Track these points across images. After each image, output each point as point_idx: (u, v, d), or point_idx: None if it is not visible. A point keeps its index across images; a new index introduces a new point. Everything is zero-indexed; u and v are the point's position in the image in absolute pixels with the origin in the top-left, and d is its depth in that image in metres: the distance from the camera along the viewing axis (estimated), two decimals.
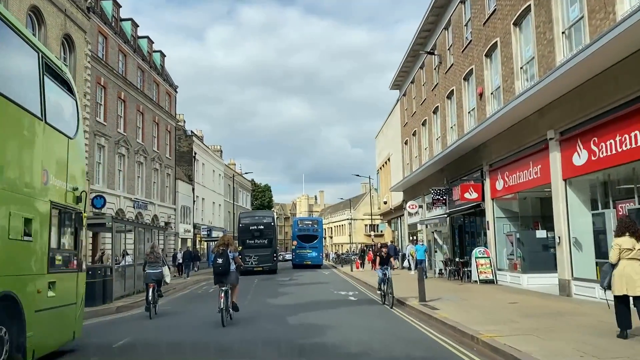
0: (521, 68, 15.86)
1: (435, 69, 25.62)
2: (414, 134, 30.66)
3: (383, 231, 53.52)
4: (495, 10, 17.38)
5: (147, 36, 36.46)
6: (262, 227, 33.54)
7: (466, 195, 18.74)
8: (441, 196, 23.04)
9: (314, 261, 40.19)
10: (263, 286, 22.19)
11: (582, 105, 12.02)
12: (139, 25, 34.50)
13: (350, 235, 75.40)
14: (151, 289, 12.65)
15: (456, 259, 21.04)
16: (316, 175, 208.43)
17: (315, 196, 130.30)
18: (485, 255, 18.14)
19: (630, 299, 7.25)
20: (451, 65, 22.70)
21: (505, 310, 10.88)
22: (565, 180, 13.15)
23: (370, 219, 55.49)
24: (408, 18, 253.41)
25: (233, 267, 11.12)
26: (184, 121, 47.49)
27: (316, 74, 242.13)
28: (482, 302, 12.52)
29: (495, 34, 17.49)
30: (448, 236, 23.99)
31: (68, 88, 7.66)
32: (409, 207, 28.79)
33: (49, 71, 7.06)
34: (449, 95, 23.22)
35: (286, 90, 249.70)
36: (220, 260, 10.85)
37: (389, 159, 39.72)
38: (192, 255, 34.79)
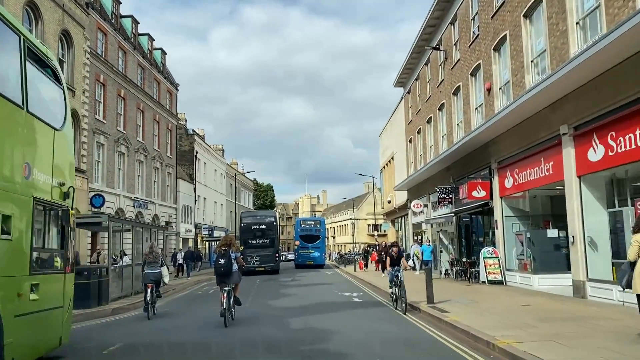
0: (532, 61, 15.31)
1: (440, 65, 25.07)
2: (418, 132, 30.11)
3: (386, 231, 52.98)
4: (504, 2, 16.83)
5: (148, 33, 35.99)
6: (264, 227, 33.06)
7: (474, 193, 18.19)
8: (447, 195, 22.51)
9: (316, 261, 40.16)
10: (265, 287, 21.69)
11: (599, 98, 11.47)
12: (139, 22, 34.02)
13: (353, 235, 74.90)
14: (149, 290, 12.49)
15: (463, 259, 20.48)
16: (319, 176, 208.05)
17: (318, 196, 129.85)
18: (494, 255, 17.58)
19: None
20: (457, 60, 22.14)
21: (520, 313, 10.32)
22: (580, 177, 12.59)
23: (374, 218, 54.93)
24: (411, 17, 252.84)
25: (235, 268, 10.98)
26: (185, 120, 47.01)
27: (319, 74, 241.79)
28: (494, 305, 11.96)
29: (504, 27, 16.94)
30: (455, 236, 23.43)
31: (54, 76, 7.13)
32: (413, 206, 28.24)
33: (32, 57, 6.54)
34: (455, 92, 22.67)
35: (289, 91, 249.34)
36: (222, 261, 10.69)
37: (392, 158, 39.18)
38: (194, 255, 34.30)
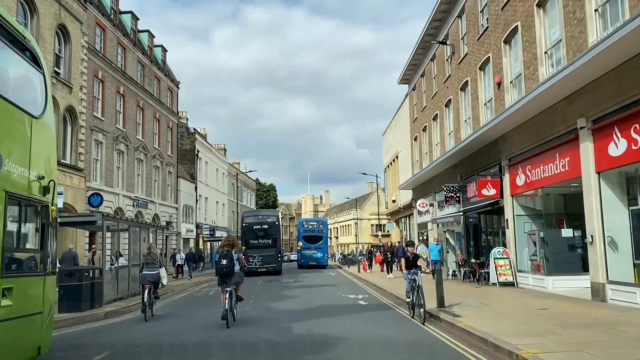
0: (545, 53, 14.61)
1: (447, 60, 24.37)
2: (424, 130, 29.41)
3: (390, 231, 52.24)
4: None
5: (148, 30, 35.34)
6: (266, 227, 32.44)
7: (484, 191, 17.48)
8: (454, 193, 21.82)
9: (319, 262, 40.18)
10: (266, 288, 21.04)
11: (620, 89, 10.78)
12: (139, 19, 33.41)
13: (356, 236, 74.17)
14: (147, 291, 12.16)
15: (471, 260, 19.78)
16: (321, 176, 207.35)
17: (321, 196, 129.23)
18: (505, 256, 16.88)
19: None
20: (465, 55, 21.44)
21: (538, 317, 9.63)
22: (599, 173, 11.89)
23: (377, 218, 54.22)
24: (413, 17, 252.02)
25: (237, 268, 10.81)
26: (186, 119, 46.39)
27: (321, 74, 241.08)
28: (508, 308, 11.27)
29: (515, 17, 16.25)
30: (462, 236, 22.72)
31: (33, 59, 6.48)
32: (419, 206, 27.54)
33: (7, 37, 5.89)
34: (463, 87, 21.97)
35: (291, 91, 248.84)
36: (224, 262, 10.53)
37: (397, 157, 38.48)
38: (195, 255, 33.65)
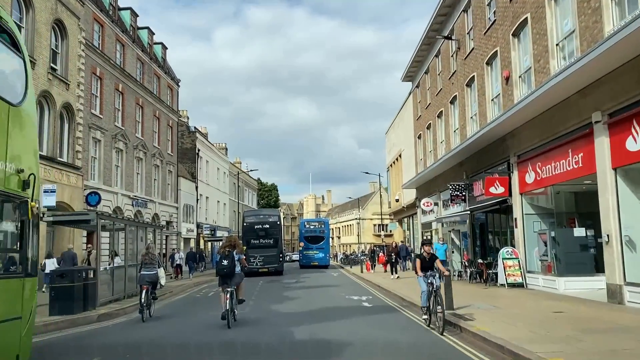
0: (557, 45, 14.05)
1: (452, 55, 23.82)
2: (428, 127, 28.86)
3: (392, 231, 51.63)
4: None
5: (148, 27, 34.86)
6: (268, 227, 31.92)
7: (492, 189, 16.92)
8: (460, 192, 21.28)
9: (320, 262, 40.35)
10: (268, 289, 20.52)
11: (639, 80, 10.24)
12: (138, 15, 32.91)
13: (358, 235, 73.63)
14: (144, 291, 11.93)
15: (478, 260, 19.22)
16: (323, 176, 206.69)
17: (323, 196, 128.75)
18: (514, 256, 16.32)
19: None
20: (471, 50, 20.89)
21: (555, 322, 9.08)
22: (615, 169, 11.34)
23: (380, 218, 53.66)
24: (415, 17, 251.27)
25: (238, 269, 10.70)
26: (187, 117, 45.90)
27: (323, 74, 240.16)
28: (522, 311, 10.71)
29: (524, 9, 15.70)
30: (468, 235, 22.15)
31: (11, 42, 5.95)
32: (423, 205, 26.97)
33: None
34: (469, 83, 21.42)
35: (293, 91, 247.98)
36: (225, 262, 10.44)
37: (400, 155, 37.92)
38: (196, 254, 33.13)
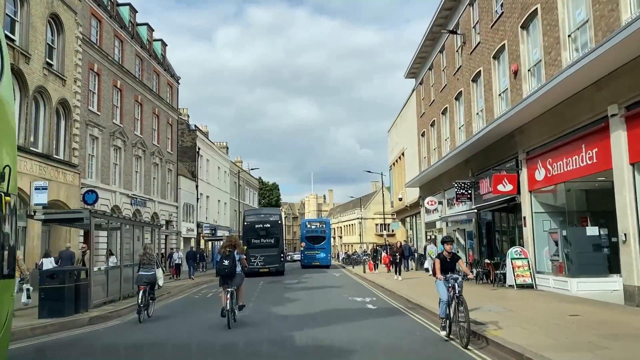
0: (569, 36, 13.49)
1: (457, 50, 23.25)
2: (432, 125, 28.29)
3: (394, 230, 51.06)
4: None
5: (147, 23, 34.33)
6: (269, 226, 31.38)
7: (499, 187, 16.34)
8: (466, 190, 20.72)
9: (322, 262, 40.47)
10: (268, 290, 19.97)
11: None
12: (137, 11, 32.42)
13: (360, 235, 73.10)
14: (141, 292, 11.67)
15: (485, 261, 18.66)
16: (325, 176, 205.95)
17: (324, 195, 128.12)
18: (523, 256, 15.75)
19: None
20: (477, 44, 20.33)
21: (573, 326, 8.51)
22: (633, 164, 10.79)
23: (382, 218, 53.10)
24: (417, 17, 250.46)
25: (239, 269, 10.68)
26: (187, 116, 45.40)
27: (324, 74, 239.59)
28: (535, 314, 10.14)
29: (534, 0, 15.13)
30: (474, 235, 21.59)
31: None
32: (427, 204, 26.42)
33: None
34: (475, 78, 20.86)
35: (294, 91, 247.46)
36: (226, 262, 10.42)
37: (403, 154, 37.35)
38: (196, 254, 32.58)
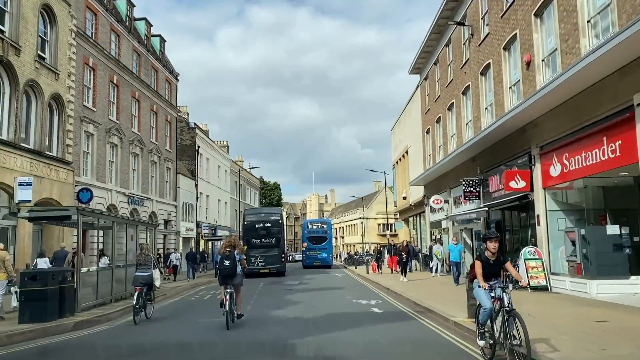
0: (588, 21, 12.65)
1: (464, 43, 22.43)
2: (437, 121, 27.46)
3: (398, 230, 50.18)
4: None
5: (145, 18, 33.55)
6: (269, 225, 30.60)
7: (511, 184, 15.51)
8: (474, 188, 19.91)
9: (323, 262, 40.73)
10: (268, 292, 19.18)
11: None
12: (135, 5, 31.64)
13: (362, 235, 72.29)
14: (137, 293, 11.48)
15: None
16: (326, 176, 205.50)
17: (326, 195, 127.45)
18: (537, 257, 14.94)
19: None
20: (486, 35, 19.50)
21: (605, 335, 7.68)
22: None
23: (385, 217, 52.29)
24: (419, 17, 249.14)
25: (239, 270, 10.76)
26: (187, 114, 44.64)
27: (326, 75, 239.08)
28: (559, 321, 9.27)
29: None
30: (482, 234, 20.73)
31: None
32: (433, 202, 25.58)
33: None
34: (484, 71, 20.03)
35: (296, 91, 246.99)
36: (227, 263, 10.52)
37: (406, 152, 36.49)
38: (196, 255, 31.80)
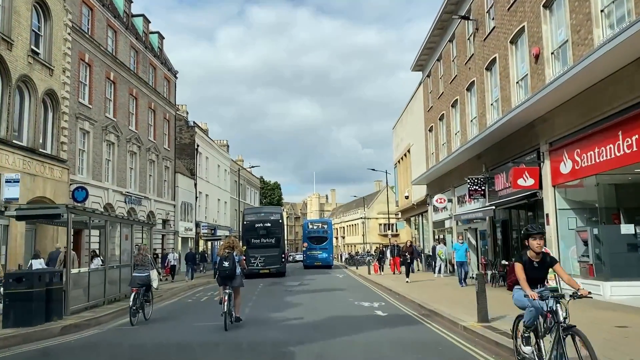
0: (602, 11, 12.10)
1: (469, 38, 21.86)
2: (440, 119, 26.89)
3: (399, 230, 49.59)
4: None
5: (143, 14, 32.99)
6: (269, 225, 30.06)
7: (520, 182, 14.93)
8: (479, 186, 19.36)
9: (324, 262, 41.03)
10: (267, 293, 18.63)
11: None
12: (132, 1, 31.12)
13: (363, 235, 71.74)
14: (134, 294, 11.29)
15: (502, 262, 17.26)
16: (327, 176, 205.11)
17: (327, 195, 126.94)
18: None
19: None
20: (492, 29, 18.94)
21: (630, 342, 7.11)
22: None
23: (387, 217, 51.72)
24: (419, 17, 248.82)
25: (239, 271, 10.78)
26: (186, 112, 44.12)
27: (326, 75, 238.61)
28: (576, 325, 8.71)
29: None
30: (488, 234, 20.19)
31: None
32: (436, 201, 25.00)
33: None
34: (489, 66, 19.46)
35: (296, 91, 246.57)
36: (226, 264, 10.54)
37: (408, 151, 35.95)
38: (195, 255, 31.24)
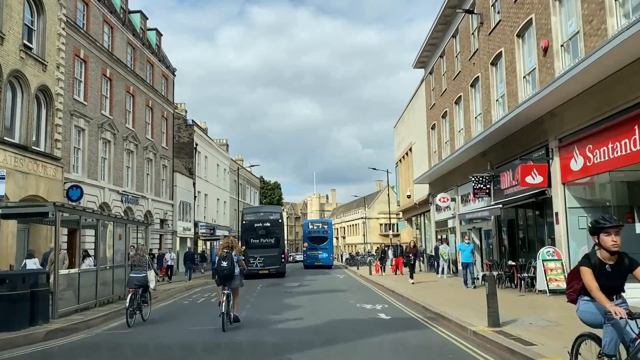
0: (616, 0, 11.57)
1: (473, 33, 21.33)
2: (443, 116, 26.36)
3: (400, 230, 49.06)
4: None
5: (140, 11, 32.46)
6: (269, 225, 29.54)
7: (528, 179, 14.38)
8: (484, 185, 18.80)
9: (324, 262, 41.23)
10: (266, 295, 18.10)
11: None
12: None
13: (364, 235, 71.22)
14: (130, 295, 11.19)
15: (509, 262, 16.73)
16: (327, 176, 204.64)
17: (327, 195, 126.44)
18: (556, 258, 13.82)
19: None
20: (497, 23, 18.40)
21: None
22: None
23: (388, 217, 51.18)
24: (420, 17, 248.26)
25: (237, 271, 10.69)
26: (185, 111, 43.61)
27: (327, 75, 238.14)
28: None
29: None
30: (493, 234, 19.64)
31: None
32: (439, 200, 24.47)
33: None
34: (494, 61, 18.92)
35: (297, 91, 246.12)
36: (225, 264, 10.46)
37: (410, 149, 35.39)
38: (194, 255, 30.70)
